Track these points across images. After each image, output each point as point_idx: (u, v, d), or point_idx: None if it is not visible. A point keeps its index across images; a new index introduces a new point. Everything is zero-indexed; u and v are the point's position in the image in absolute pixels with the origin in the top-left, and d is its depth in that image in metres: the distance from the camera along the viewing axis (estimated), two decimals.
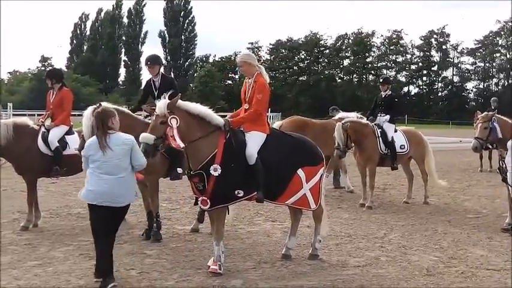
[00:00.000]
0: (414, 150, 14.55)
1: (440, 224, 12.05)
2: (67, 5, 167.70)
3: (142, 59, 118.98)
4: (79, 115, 16.66)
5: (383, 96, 14.83)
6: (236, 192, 8.07)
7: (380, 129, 14.24)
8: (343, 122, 13.88)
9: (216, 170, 7.89)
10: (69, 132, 11.49)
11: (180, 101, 7.94)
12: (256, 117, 8.43)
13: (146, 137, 7.62)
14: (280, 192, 8.43)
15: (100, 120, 7.39)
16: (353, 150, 14.26)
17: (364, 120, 14.60)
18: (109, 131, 7.33)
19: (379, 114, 14.58)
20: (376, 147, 14.03)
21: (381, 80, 15.46)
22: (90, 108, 10.31)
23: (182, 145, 7.76)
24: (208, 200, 8.04)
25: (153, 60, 10.75)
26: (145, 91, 10.92)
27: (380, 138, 14.09)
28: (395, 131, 14.48)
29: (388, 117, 14.40)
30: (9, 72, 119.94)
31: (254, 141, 8.28)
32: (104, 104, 10.54)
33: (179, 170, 8.71)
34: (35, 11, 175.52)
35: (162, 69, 10.83)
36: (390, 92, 14.99)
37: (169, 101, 7.85)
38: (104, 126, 7.33)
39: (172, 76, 75.87)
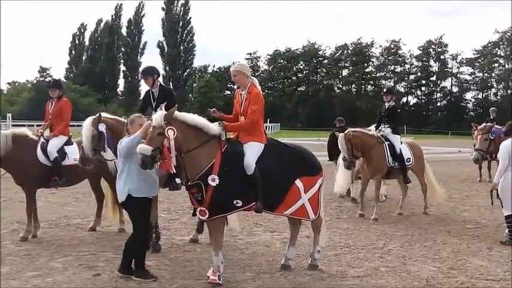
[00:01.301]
0: (416, 163, 14.55)
1: (439, 234, 12.05)
2: (66, 16, 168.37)
3: (141, 70, 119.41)
4: (78, 125, 16.70)
5: (386, 107, 14.74)
6: (235, 202, 8.06)
7: (388, 142, 14.13)
8: (345, 132, 13.88)
9: (214, 180, 7.88)
10: (68, 142, 11.50)
11: (177, 112, 7.97)
12: (252, 127, 8.44)
13: (144, 148, 7.62)
14: (278, 203, 8.43)
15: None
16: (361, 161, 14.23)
17: (371, 132, 14.49)
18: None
19: (383, 125, 14.52)
20: (383, 160, 13.94)
21: (385, 91, 15.48)
22: (89, 119, 10.34)
23: (172, 169, 7.81)
24: (206, 211, 8.04)
25: (145, 72, 10.69)
26: (144, 101, 10.92)
27: (388, 150, 14.02)
28: (401, 142, 14.44)
29: (389, 129, 14.31)
30: (8, 83, 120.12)
31: (252, 151, 8.28)
32: (104, 114, 10.60)
33: (177, 180, 8.70)
34: (34, 21, 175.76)
35: (160, 80, 10.75)
36: (393, 102, 14.92)
37: (166, 113, 7.88)
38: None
39: (171, 87, 76.12)
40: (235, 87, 9.11)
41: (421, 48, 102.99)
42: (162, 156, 7.73)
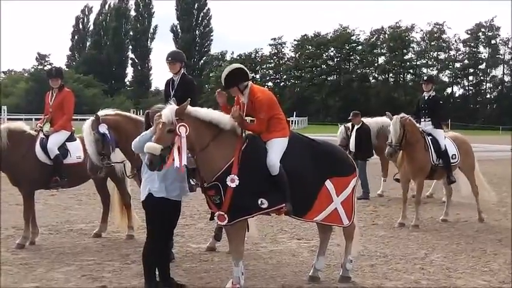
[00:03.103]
0: (463, 159, 14.36)
1: (489, 243, 11.95)
2: None
3: (152, 57, 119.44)
4: (82, 119, 16.78)
5: (426, 98, 14.58)
6: (259, 201, 8.03)
7: (430, 137, 13.98)
8: (401, 115, 13.63)
9: (233, 181, 7.87)
10: (71, 138, 11.56)
11: (189, 107, 7.94)
12: (263, 132, 8.40)
13: (152, 147, 7.53)
14: (307, 208, 8.39)
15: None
16: (398, 159, 14.06)
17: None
18: None
19: (422, 119, 14.38)
20: (428, 157, 13.74)
21: (425, 79, 15.18)
22: (87, 123, 10.29)
23: (183, 165, 7.73)
24: (225, 215, 8.02)
25: (175, 57, 10.64)
26: (165, 91, 10.89)
27: (431, 147, 13.86)
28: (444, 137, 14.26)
29: (430, 123, 14.16)
30: (3, 72, 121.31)
31: (275, 148, 8.26)
32: (102, 112, 10.51)
33: (192, 181, 8.72)
34: (31, 2, 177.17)
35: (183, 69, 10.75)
36: (434, 92, 14.76)
37: (177, 107, 7.86)
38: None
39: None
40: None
41: (468, 32, 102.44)
42: (169, 155, 7.62)
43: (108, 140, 10.16)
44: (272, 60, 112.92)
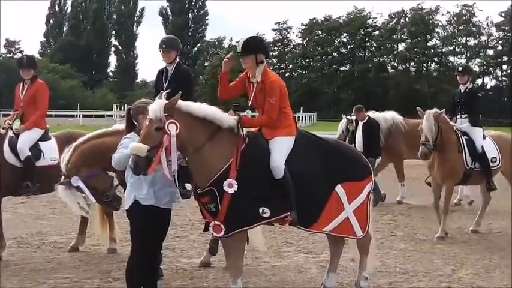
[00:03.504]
0: (505, 161, 14.25)
1: None
2: None
3: (139, 43, 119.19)
4: (57, 116, 16.81)
5: (462, 91, 14.50)
6: (261, 210, 8.04)
7: (465, 137, 13.89)
8: (434, 110, 13.55)
9: (231, 186, 7.88)
10: (44, 137, 11.57)
11: (180, 102, 7.93)
12: (273, 123, 8.43)
13: (137, 147, 7.51)
14: (315, 216, 8.40)
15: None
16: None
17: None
18: None
19: (458, 116, 14.32)
20: (460, 160, 13.69)
21: (460, 69, 15.03)
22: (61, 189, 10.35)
23: (172, 171, 7.72)
24: (222, 225, 8.03)
25: (170, 44, 10.65)
26: (156, 84, 10.90)
27: (465, 148, 13.77)
28: (484, 137, 14.15)
29: (467, 120, 14.06)
30: None
31: (279, 148, 8.28)
32: (64, 158, 10.48)
33: (188, 186, 8.71)
34: None
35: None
36: (471, 85, 14.62)
37: (166, 102, 7.84)
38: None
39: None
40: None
41: (502, 15, 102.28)
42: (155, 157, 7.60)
43: (85, 190, 10.20)
44: (276, 48, 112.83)
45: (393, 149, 17.96)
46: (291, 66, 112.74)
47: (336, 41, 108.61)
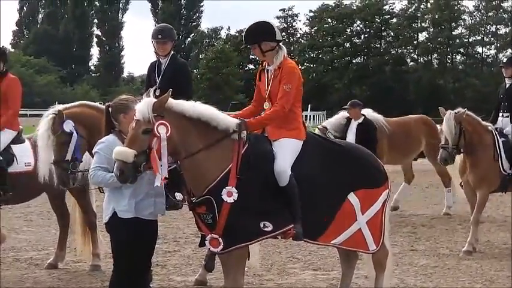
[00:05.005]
0: None
1: None
2: None
3: (124, 34, 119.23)
4: (32, 115, 16.82)
5: (507, 86, 14.35)
6: (262, 225, 8.06)
7: (503, 138, 13.81)
8: (456, 110, 13.53)
9: (230, 195, 7.89)
10: (18, 139, 11.57)
11: (171, 100, 7.94)
12: (284, 117, 8.44)
13: (123, 152, 7.50)
14: (323, 228, 8.42)
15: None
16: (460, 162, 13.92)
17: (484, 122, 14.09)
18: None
19: (500, 114, 14.23)
20: (495, 165, 13.62)
21: (505, 61, 14.98)
22: (45, 122, 10.32)
23: (163, 177, 7.71)
24: (220, 239, 8.04)
25: (166, 34, 10.74)
26: (147, 79, 10.93)
27: (503, 150, 13.68)
28: None
29: (509, 119, 13.98)
30: None
31: (285, 152, 8.30)
32: (62, 107, 10.56)
33: (178, 196, 8.72)
34: None
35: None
36: None
37: (155, 101, 7.85)
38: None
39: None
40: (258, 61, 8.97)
41: None
42: (148, 163, 7.63)
43: (77, 141, 10.22)
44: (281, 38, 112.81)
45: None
46: (297, 58, 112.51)
47: (348, 30, 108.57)
